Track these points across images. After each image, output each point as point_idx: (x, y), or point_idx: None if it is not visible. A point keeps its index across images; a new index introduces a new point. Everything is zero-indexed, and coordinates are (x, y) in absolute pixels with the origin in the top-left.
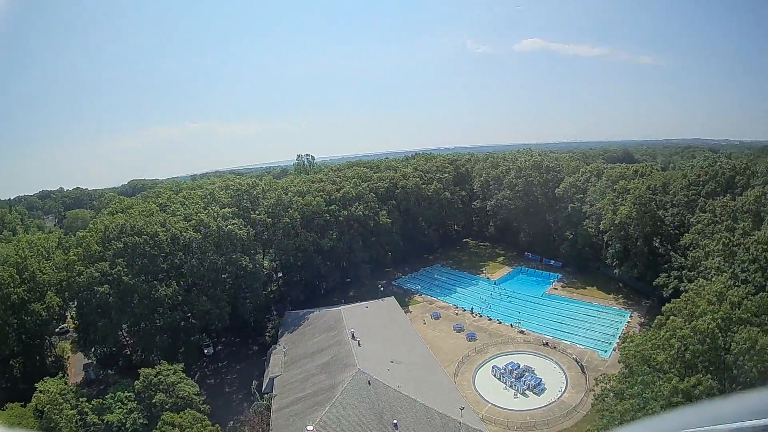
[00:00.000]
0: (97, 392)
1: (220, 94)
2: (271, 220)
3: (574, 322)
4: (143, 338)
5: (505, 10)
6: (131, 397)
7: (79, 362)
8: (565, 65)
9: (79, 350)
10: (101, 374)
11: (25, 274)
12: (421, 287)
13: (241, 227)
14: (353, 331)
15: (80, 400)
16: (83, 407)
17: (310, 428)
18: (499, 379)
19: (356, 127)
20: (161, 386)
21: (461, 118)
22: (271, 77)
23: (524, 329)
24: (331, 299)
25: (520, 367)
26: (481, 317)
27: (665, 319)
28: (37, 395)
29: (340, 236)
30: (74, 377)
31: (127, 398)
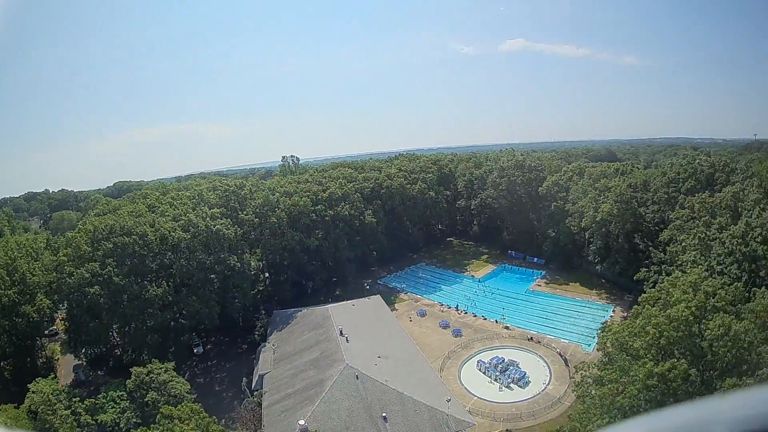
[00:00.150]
0: (87, 393)
1: (203, 95)
2: (258, 220)
3: (557, 317)
4: (134, 338)
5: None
6: (124, 396)
7: (68, 364)
8: (549, 65)
9: (69, 352)
10: (91, 375)
11: (15, 275)
12: (406, 285)
13: (228, 227)
14: (341, 328)
15: (73, 400)
16: (76, 407)
17: (301, 422)
18: (484, 373)
19: (340, 128)
20: (153, 385)
21: (444, 118)
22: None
23: (509, 325)
24: (317, 298)
25: (504, 361)
26: (466, 314)
27: (641, 308)
28: (30, 396)
29: (326, 236)
30: (64, 379)
31: (119, 397)
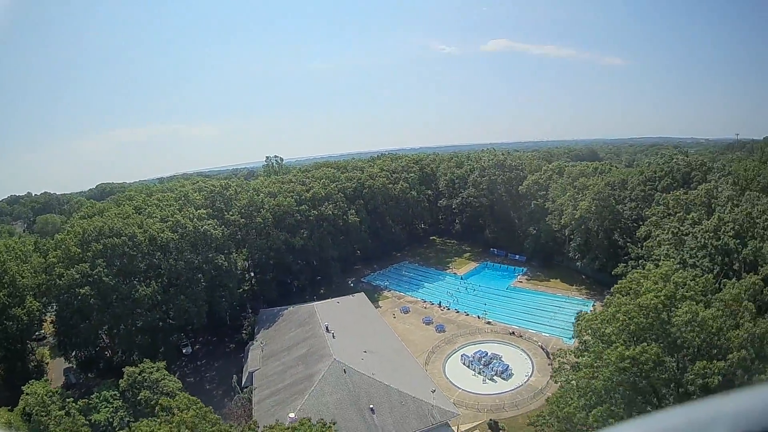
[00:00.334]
0: (78, 396)
1: (185, 96)
2: (244, 220)
3: (539, 312)
4: (123, 339)
5: (472, 11)
6: (116, 396)
7: (58, 367)
8: (532, 66)
9: (59, 355)
10: (82, 378)
11: (4, 278)
12: (389, 283)
13: (216, 227)
14: (327, 324)
15: (66, 401)
16: (70, 408)
17: (291, 416)
18: (468, 366)
19: (322, 128)
20: (146, 383)
21: (426, 118)
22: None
23: (491, 320)
24: (303, 297)
25: (488, 354)
26: (449, 310)
27: (613, 298)
28: (24, 398)
29: (310, 235)
30: (55, 382)
31: (112, 397)
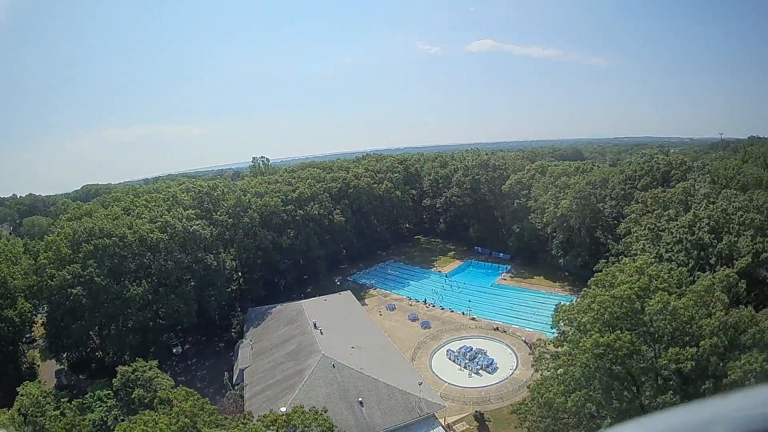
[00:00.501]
0: (70, 397)
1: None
2: (231, 220)
3: (522, 308)
4: (114, 339)
5: (458, 12)
6: (110, 395)
7: (49, 369)
8: (517, 66)
9: (49, 357)
10: (73, 379)
11: None
12: (375, 282)
13: (204, 227)
14: (315, 321)
15: (61, 401)
16: (65, 408)
17: (283, 410)
18: (453, 361)
19: (308, 128)
20: (139, 382)
21: (411, 118)
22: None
23: (475, 316)
24: (290, 295)
25: (473, 349)
26: (434, 307)
27: (589, 290)
28: (19, 399)
29: (297, 235)
30: (47, 384)
31: (106, 396)
